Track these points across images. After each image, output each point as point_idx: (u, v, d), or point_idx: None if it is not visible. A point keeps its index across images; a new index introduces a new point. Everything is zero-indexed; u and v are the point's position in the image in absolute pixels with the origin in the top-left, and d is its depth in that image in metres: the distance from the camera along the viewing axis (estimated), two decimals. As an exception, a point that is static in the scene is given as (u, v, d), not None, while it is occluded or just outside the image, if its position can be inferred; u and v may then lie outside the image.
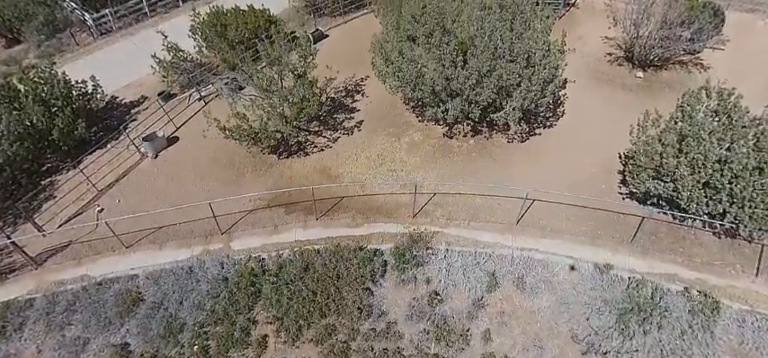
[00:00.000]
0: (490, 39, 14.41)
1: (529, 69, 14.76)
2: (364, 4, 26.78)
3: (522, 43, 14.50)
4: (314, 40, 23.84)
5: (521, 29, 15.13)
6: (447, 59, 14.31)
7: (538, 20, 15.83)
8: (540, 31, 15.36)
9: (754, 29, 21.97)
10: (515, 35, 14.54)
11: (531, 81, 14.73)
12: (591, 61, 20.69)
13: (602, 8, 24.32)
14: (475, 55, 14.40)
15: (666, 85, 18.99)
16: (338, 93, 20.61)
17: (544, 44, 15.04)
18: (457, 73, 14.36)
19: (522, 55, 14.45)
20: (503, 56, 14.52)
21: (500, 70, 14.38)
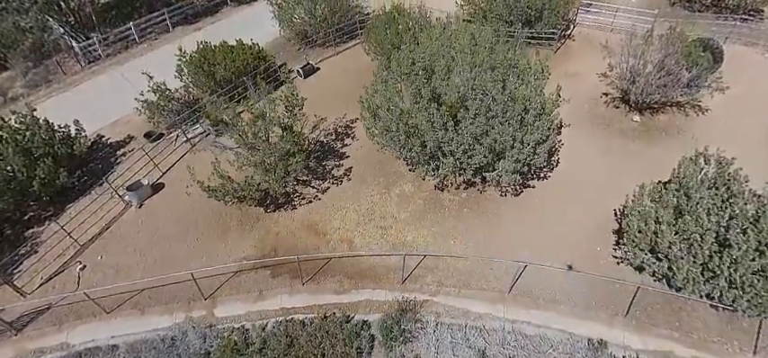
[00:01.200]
0: (482, 100, 13.80)
1: (522, 130, 14.17)
2: (356, 35, 26.13)
3: (515, 105, 13.89)
4: (304, 74, 23.26)
5: (514, 85, 14.53)
6: (437, 123, 13.71)
7: (531, 73, 15.22)
8: (534, 86, 14.74)
9: (753, 63, 21.40)
10: (508, 97, 13.92)
11: (524, 143, 14.16)
12: (586, 102, 20.12)
13: (597, 39, 23.74)
14: (466, 117, 13.79)
15: (664, 130, 18.42)
16: (328, 135, 20.00)
17: (539, 103, 14.43)
18: (448, 137, 13.77)
19: (515, 117, 13.86)
20: (495, 116, 13.92)
21: (494, 134, 13.80)
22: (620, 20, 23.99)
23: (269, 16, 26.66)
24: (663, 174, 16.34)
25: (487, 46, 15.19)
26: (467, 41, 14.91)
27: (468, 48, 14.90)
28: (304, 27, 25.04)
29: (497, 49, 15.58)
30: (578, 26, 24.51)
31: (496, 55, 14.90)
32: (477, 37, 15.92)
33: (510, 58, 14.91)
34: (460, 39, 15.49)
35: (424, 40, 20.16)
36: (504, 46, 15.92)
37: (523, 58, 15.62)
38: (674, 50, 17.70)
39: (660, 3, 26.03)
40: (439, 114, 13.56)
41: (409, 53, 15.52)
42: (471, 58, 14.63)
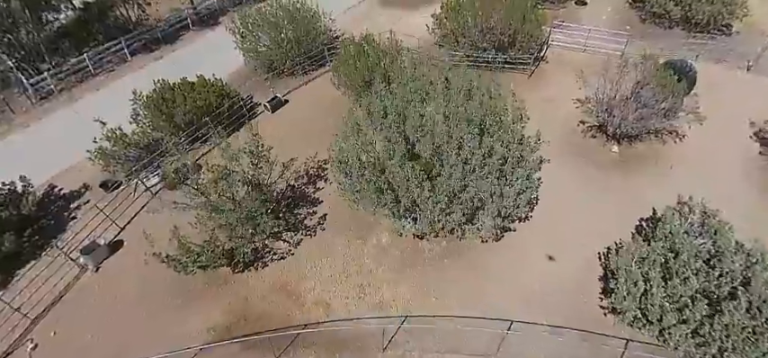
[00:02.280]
0: (459, 155, 12.91)
1: (501, 181, 13.34)
2: (325, 63, 24.93)
3: (493, 158, 13.03)
4: (272, 109, 21.98)
5: (493, 134, 13.68)
6: (412, 182, 12.75)
7: (509, 115, 14.38)
8: (512, 131, 13.91)
9: (725, 82, 21.19)
10: (486, 150, 13.04)
11: (504, 195, 13.34)
12: (564, 132, 19.50)
13: (569, 61, 23.22)
14: (442, 174, 12.88)
15: (642, 160, 17.94)
16: (299, 178, 18.83)
17: (518, 152, 13.61)
18: (424, 195, 12.84)
19: (494, 170, 13.01)
20: (473, 170, 13.05)
21: (472, 189, 12.93)
22: (593, 40, 23.48)
23: (233, 41, 25.20)
24: (644, 209, 15.97)
25: (462, 92, 14.27)
26: (441, 89, 13.96)
27: (442, 95, 13.96)
28: (270, 57, 23.68)
29: (474, 94, 14.67)
30: (550, 47, 23.90)
31: (473, 101, 13.99)
32: (451, 80, 15.00)
33: (487, 105, 14.01)
34: (434, 83, 14.53)
35: (395, 75, 19.26)
36: (479, 90, 15.01)
37: (501, 100, 14.74)
38: (650, 81, 17.20)
39: (631, 20, 25.70)
40: (413, 173, 12.58)
41: (380, 100, 14.49)
42: (446, 106, 13.70)
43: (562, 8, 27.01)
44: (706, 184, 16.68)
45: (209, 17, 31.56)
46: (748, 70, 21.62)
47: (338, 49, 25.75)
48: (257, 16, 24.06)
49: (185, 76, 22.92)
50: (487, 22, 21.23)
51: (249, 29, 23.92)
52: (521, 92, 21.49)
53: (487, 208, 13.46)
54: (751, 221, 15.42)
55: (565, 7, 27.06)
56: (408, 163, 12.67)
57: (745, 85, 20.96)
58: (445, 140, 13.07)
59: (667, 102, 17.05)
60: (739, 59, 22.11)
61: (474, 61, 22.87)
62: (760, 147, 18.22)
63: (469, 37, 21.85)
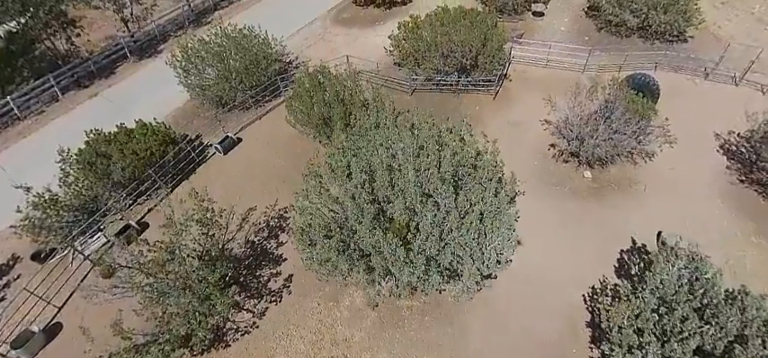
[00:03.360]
0: (435, 217, 11.59)
1: (481, 237, 12.13)
2: (279, 92, 23.05)
3: (472, 216, 11.78)
4: (224, 150, 19.98)
5: (468, 184, 12.44)
6: (385, 249, 11.34)
7: (486, 169, 13.05)
8: (487, 182, 12.71)
9: (685, 92, 20.94)
10: (462, 209, 11.78)
11: (484, 252, 12.15)
12: (535, 158, 18.60)
13: (532, 78, 22.44)
14: (418, 237, 11.54)
15: (616, 184, 17.29)
16: (259, 232, 17.04)
17: (495, 203, 12.42)
18: (399, 264, 11.45)
19: (473, 227, 11.76)
20: (451, 231, 11.78)
21: (449, 253, 11.67)
22: (555, 55, 22.76)
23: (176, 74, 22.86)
24: (623, 239, 15.40)
25: (433, 139, 12.94)
26: (409, 141, 12.55)
27: (410, 145, 12.56)
28: (217, 92, 21.54)
29: (445, 138, 13.38)
30: (512, 63, 23.01)
31: (445, 150, 12.67)
32: (418, 126, 13.65)
33: (461, 155, 12.73)
34: (401, 131, 13.13)
35: (356, 112, 17.75)
36: (451, 133, 13.74)
37: (473, 143, 13.51)
38: (618, 104, 16.53)
39: (588, 29, 25.22)
40: (386, 240, 11.17)
41: (343, 156, 12.94)
42: (416, 159, 12.33)
43: (520, 20, 26.23)
44: (680, 207, 16.32)
45: (149, 45, 28.82)
46: (706, 78, 21.46)
47: (293, 76, 24.01)
48: (200, 47, 21.84)
49: (123, 116, 20.74)
50: (448, 46, 20.02)
51: (191, 61, 21.67)
52: (487, 114, 20.62)
53: (467, 268, 12.22)
54: (728, 246, 15.12)
55: (523, 19, 26.30)
56: (379, 230, 11.23)
57: (705, 94, 20.77)
58: (418, 200, 11.70)
59: (639, 126, 16.39)
60: (696, 66, 21.95)
61: (436, 84, 21.68)
62: (727, 160, 17.94)
63: (430, 61, 20.57)
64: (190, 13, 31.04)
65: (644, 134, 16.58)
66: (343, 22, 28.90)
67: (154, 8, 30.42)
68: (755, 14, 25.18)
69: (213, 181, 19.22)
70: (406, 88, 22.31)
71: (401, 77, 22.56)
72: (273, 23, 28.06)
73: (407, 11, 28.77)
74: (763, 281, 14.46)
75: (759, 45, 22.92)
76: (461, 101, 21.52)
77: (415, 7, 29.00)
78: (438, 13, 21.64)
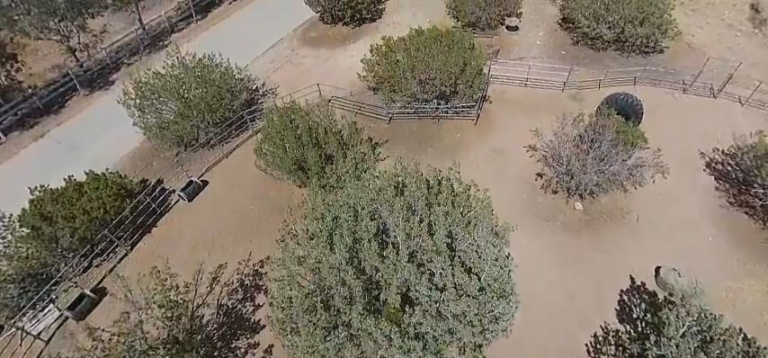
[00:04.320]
0: (430, 290, 10.29)
1: (481, 307, 10.90)
2: (246, 126, 21.24)
3: (470, 288, 10.52)
4: (188, 197, 18.12)
5: (464, 251, 11.19)
6: (378, 336, 9.96)
7: (482, 226, 11.81)
8: (485, 248, 11.48)
9: (666, 107, 20.34)
10: (458, 280, 10.50)
11: (483, 319, 10.92)
12: (523, 189, 17.57)
13: (513, 98, 21.43)
14: (413, 315, 10.20)
15: (608, 216, 16.45)
16: (232, 293, 15.35)
17: (494, 270, 11.22)
18: (393, 351, 10.08)
19: (472, 306, 10.50)
20: (447, 305, 10.49)
21: (447, 325, 10.40)
22: (534, 72, 21.80)
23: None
24: (621, 275, 14.59)
25: (423, 199, 11.61)
26: (399, 204, 11.14)
27: (400, 207, 11.17)
28: (177, 131, 19.54)
29: (434, 191, 12.06)
30: (491, 82, 21.93)
31: (438, 208, 11.35)
32: (404, 181, 12.29)
33: (453, 214, 11.43)
34: (387, 191, 11.71)
35: (332, 151, 16.27)
36: (443, 184, 12.43)
37: (464, 197, 12.24)
38: (607, 134, 15.66)
39: (564, 43, 24.42)
40: (378, 326, 9.80)
41: (322, 225, 11.43)
42: (406, 224, 10.96)
43: (494, 35, 25.19)
44: (674, 237, 15.65)
45: (100, 75, 26.32)
46: (684, 92, 20.96)
47: (261, 106, 22.26)
48: (155, 81, 19.78)
49: (74, 160, 18.85)
50: (426, 72, 18.72)
51: (147, 98, 19.59)
52: (469, 141, 19.48)
53: (465, 342, 11.01)
54: (726, 278, 14.57)
55: (497, 34, 25.26)
56: (371, 317, 9.83)
57: (686, 109, 20.24)
58: (412, 275, 10.35)
59: (629, 156, 15.57)
60: (674, 79, 21.45)
61: (415, 111, 20.37)
62: (714, 181, 17.39)
63: (407, 89, 19.23)
64: (145, 36, 28.61)
65: (637, 168, 15.71)
66: (310, 41, 27.17)
67: (103, 35, 27.88)
68: (726, 20, 24.96)
69: (178, 234, 17.36)
70: (383, 115, 20.91)
71: (377, 103, 21.13)
72: (236, 46, 26.23)
73: (377, 28, 27.39)
74: (765, 309, 13.92)
75: (732, 52, 22.75)
76: (441, 127, 20.30)
77: (384, 24, 27.58)
78: (412, 36, 20.28)
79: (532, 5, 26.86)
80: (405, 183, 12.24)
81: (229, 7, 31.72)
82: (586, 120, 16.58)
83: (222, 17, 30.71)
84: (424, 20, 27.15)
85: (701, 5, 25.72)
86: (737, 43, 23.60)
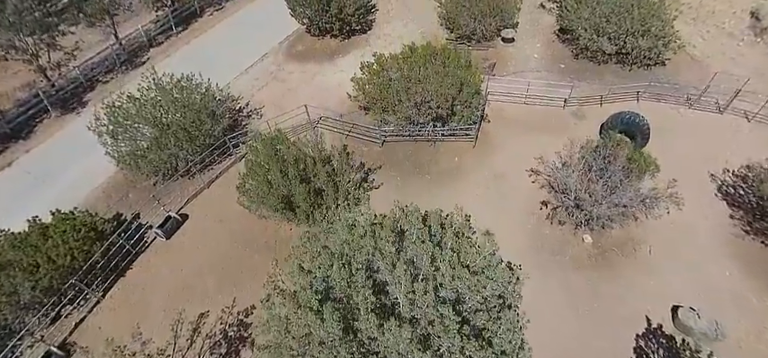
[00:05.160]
0: None
1: None
2: (229, 151, 19.68)
3: (483, 350, 9.22)
4: (166, 234, 16.58)
5: (473, 312, 9.88)
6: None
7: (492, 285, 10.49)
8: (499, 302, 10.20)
9: (673, 125, 19.24)
10: (468, 346, 9.17)
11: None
12: (528, 219, 16.32)
13: (512, 116, 20.17)
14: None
15: (619, 249, 15.27)
16: (215, 348, 13.86)
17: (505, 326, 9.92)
18: None
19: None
20: None
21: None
22: (533, 88, 20.55)
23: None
24: (637, 316, 13.41)
25: (427, 257, 10.24)
26: (402, 267, 9.73)
27: (402, 267, 9.78)
28: (154, 162, 17.91)
29: (444, 255, 10.67)
30: (488, 100, 20.63)
31: (441, 263, 10.01)
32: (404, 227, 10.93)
33: (466, 280, 10.07)
34: (386, 245, 10.32)
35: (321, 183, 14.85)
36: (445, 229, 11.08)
37: (471, 251, 10.89)
38: (618, 163, 14.47)
39: (562, 56, 23.23)
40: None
41: (311, 293, 10.01)
42: (409, 291, 9.59)
43: (490, 47, 23.91)
44: (690, 272, 14.61)
45: (73, 95, 24.49)
46: (690, 107, 19.90)
47: (244, 128, 20.76)
48: (129, 106, 18.16)
49: (44, 192, 17.63)
50: (421, 95, 17.37)
51: (120, 125, 17.96)
52: (468, 165, 18.22)
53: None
54: (746, 317, 13.55)
55: (493, 46, 23.98)
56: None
57: (692, 126, 19.18)
58: (416, 353, 8.98)
59: (641, 186, 14.40)
60: (679, 94, 20.38)
61: (410, 134, 19.00)
62: (727, 207, 16.31)
63: (401, 111, 17.86)
64: (121, 52, 26.81)
65: (651, 199, 14.53)
66: (297, 56, 25.63)
67: (76, 52, 26.04)
68: (726, 30, 23.98)
69: (155, 277, 15.84)
70: (376, 138, 19.50)
71: (369, 125, 19.72)
72: (218, 61, 24.75)
73: (367, 40, 25.98)
74: (790, 357, 12.85)
75: (736, 64, 21.79)
76: (438, 150, 18.97)
77: (375, 36, 26.16)
78: (405, 53, 18.90)
79: (528, 16, 25.64)
80: (405, 229, 10.86)
81: (211, 18, 30.02)
82: (593, 145, 15.35)
83: (204, 29, 28.98)
84: (417, 31, 25.86)
85: (701, 14, 24.71)
86: (741, 53, 22.62)
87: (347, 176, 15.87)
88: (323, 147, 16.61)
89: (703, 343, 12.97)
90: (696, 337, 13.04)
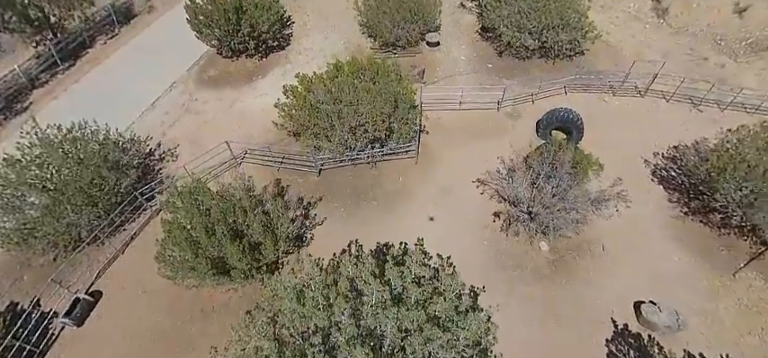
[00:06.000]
0: None
1: None
2: (143, 207, 16.93)
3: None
4: (76, 322, 13.92)
5: None
6: None
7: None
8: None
9: (601, 114, 19.46)
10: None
11: None
12: (482, 233, 15.52)
13: (449, 124, 19.38)
14: None
15: (575, 251, 14.93)
16: None
17: None
18: None
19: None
20: None
21: None
22: (467, 92, 19.85)
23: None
24: (602, 318, 13.09)
25: (392, 323, 8.85)
26: (362, 352, 8.24)
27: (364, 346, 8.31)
28: (46, 234, 14.77)
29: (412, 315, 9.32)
30: (423, 110, 19.61)
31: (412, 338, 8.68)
32: (362, 281, 9.47)
33: (434, 334, 8.82)
34: (338, 306, 8.80)
35: (256, 233, 12.93)
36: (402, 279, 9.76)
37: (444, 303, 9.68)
38: (563, 170, 14.05)
39: (489, 55, 22.84)
40: None
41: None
42: None
43: (417, 54, 22.95)
44: (643, 263, 14.61)
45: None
46: (614, 95, 20.28)
47: (158, 174, 18.07)
48: (7, 172, 14.87)
49: None
50: (355, 119, 15.90)
51: (1, 197, 14.69)
52: (414, 183, 17.19)
53: None
54: (700, 300, 13.90)
55: (419, 52, 23.04)
56: None
57: (618, 113, 19.58)
58: None
59: (588, 187, 14.10)
60: (601, 81, 20.70)
61: (349, 159, 17.47)
62: (664, 191, 16.64)
63: (337, 139, 16.27)
64: (-5, 98, 22.48)
65: (601, 202, 14.28)
66: (210, 82, 22.97)
67: (-65, 106, 21.42)
68: (632, 13, 25.00)
69: (65, 379, 13.01)
70: (312, 166, 17.73)
71: (303, 152, 17.88)
72: (118, 99, 21.61)
73: (287, 57, 23.96)
74: (743, 328, 13.16)
75: (647, 47, 22.70)
76: (380, 172, 17.65)
77: (294, 52, 24.18)
78: (331, 73, 17.31)
79: (449, 17, 25.02)
80: (361, 290, 9.41)
81: (105, 47, 26.17)
82: (539, 152, 14.85)
83: (97, 61, 25.14)
84: (339, 42, 24.29)
85: (608, 1, 25.50)
86: (648, 35, 23.62)
87: (286, 221, 14.03)
88: (252, 188, 14.64)
89: (667, 336, 12.92)
90: (661, 331, 12.96)
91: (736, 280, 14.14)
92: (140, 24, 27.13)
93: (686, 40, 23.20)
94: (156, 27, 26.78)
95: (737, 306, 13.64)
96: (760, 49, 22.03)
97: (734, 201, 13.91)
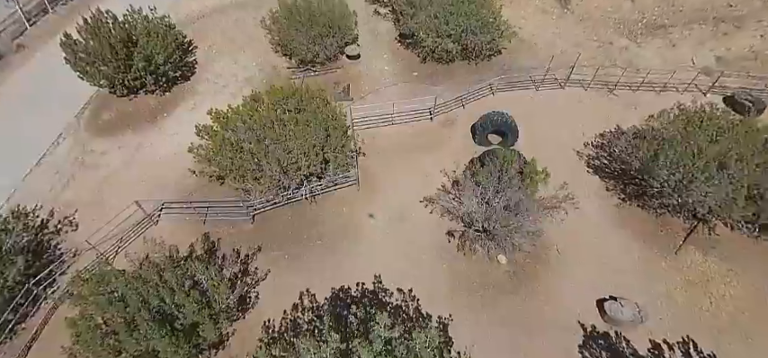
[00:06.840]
0: None
1: None
2: (39, 296, 13.81)
3: None
4: None
5: None
6: None
7: None
8: None
9: (529, 110, 19.39)
10: None
11: None
12: (439, 257, 14.62)
13: (385, 142, 18.35)
14: None
15: (532, 259, 14.54)
16: None
17: None
18: None
19: None
20: None
21: None
22: (398, 106, 18.81)
23: None
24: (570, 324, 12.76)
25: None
26: None
27: None
28: None
29: None
30: (357, 130, 18.27)
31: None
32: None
33: None
34: None
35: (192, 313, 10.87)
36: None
37: None
38: (514, 182, 13.58)
39: (412, 63, 22.03)
40: None
41: None
42: None
43: (338, 69, 21.49)
44: (596, 258, 14.58)
45: None
46: (537, 89, 20.45)
47: (56, 256, 14.93)
48: None
49: None
50: (285, 157, 14.16)
51: None
52: (359, 214, 15.95)
53: None
54: (655, 285, 14.14)
55: (340, 67, 21.60)
56: None
57: (545, 107, 19.68)
58: None
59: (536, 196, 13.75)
60: (523, 78, 20.74)
61: (284, 198, 15.64)
62: (600, 180, 16.90)
63: (266, 179, 14.41)
64: None
65: (552, 209, 14.00)
66: (106, 127, 19.65)
67: None
68: (539, 6, 25.54)
69: None
70: (243, 212, 15.64)
71: (230, 197, 15.73)
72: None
73: (193, 87, 21.32)
74: (695, 303, 13.58)
75: (559, 37, 23.25)
76: (322, 207, 16.05)
77: (202, 80, 21.56)
78: (249, 107, 15.36)
79: (366, 26, 23.80)
80: None
81: (-37, 101, 21.51)
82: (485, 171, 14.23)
83: (-45, 119, 20.57)
84: (251, 65, 22.13)
85: (516, -4, 25.91)
86: (557, 26, 24.24)
87: (223, 289, 11.99)
88: (175, 256, 12.39)
89: (632, 330, 12.94)
90: (626, 326, 12.94)
91: (677, 258, 14.58)
92: (8, 68, 22.66)
93: (591, 26, 24.14)
94: (30, 69, 22.56)
95: (685, 283, 14.05)
96: (654, 28, 23.54)
97: (669, 186, 14.28)
